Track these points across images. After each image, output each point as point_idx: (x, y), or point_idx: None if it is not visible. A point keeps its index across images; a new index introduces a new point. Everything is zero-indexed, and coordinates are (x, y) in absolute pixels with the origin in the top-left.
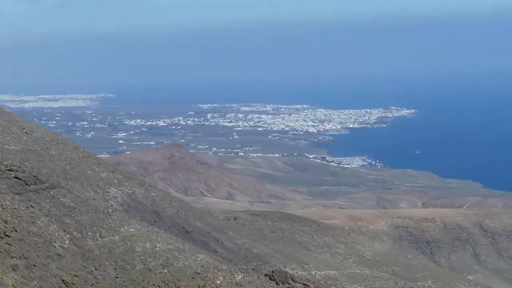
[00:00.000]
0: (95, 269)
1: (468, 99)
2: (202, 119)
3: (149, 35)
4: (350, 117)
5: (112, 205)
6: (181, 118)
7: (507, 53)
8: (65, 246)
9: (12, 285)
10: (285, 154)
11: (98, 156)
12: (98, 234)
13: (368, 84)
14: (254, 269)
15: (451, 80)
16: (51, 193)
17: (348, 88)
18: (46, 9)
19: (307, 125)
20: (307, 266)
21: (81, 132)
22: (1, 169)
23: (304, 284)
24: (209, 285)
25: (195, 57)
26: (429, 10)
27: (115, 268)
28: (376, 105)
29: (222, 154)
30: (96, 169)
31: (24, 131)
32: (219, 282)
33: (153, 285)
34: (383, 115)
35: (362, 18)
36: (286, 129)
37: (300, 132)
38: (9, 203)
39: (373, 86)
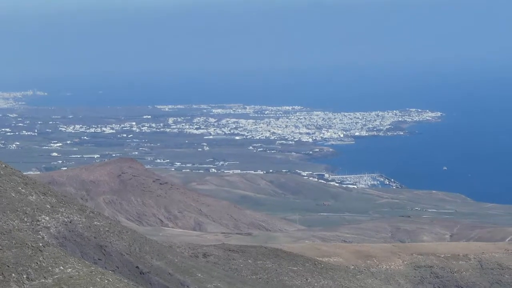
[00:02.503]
0: None
1: (510, 96)
2: (161, 124)
3: (93, 13)
4: (357, 122)
5: (43, 237)
6: (134, 123)
7: None
8: None
9: None
10: (271, 170)
11: (25, 173)
12: (25, 276)
13: (380, 79)
14: None
15: (490, 72)
16: None
17: (353, 84)
18: None
19: (300, 133)
20: None
21: (2, 141)
22: None
23: None
24: None
25: (153, 42)
26: None
27: None
28: (391, 107)
29: (188, 170)
30: (23, 190)
31: None
32: None
33: None
34: (400, 119)
35: None
36: (272, 137)
37: (290, 142)
38: None
39: (386, 82)
